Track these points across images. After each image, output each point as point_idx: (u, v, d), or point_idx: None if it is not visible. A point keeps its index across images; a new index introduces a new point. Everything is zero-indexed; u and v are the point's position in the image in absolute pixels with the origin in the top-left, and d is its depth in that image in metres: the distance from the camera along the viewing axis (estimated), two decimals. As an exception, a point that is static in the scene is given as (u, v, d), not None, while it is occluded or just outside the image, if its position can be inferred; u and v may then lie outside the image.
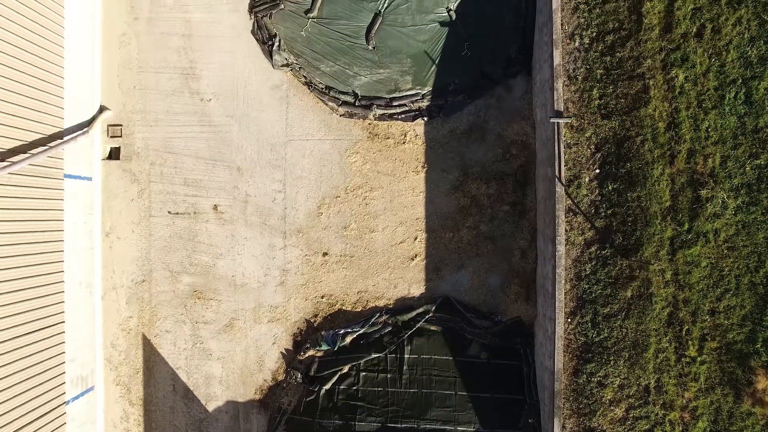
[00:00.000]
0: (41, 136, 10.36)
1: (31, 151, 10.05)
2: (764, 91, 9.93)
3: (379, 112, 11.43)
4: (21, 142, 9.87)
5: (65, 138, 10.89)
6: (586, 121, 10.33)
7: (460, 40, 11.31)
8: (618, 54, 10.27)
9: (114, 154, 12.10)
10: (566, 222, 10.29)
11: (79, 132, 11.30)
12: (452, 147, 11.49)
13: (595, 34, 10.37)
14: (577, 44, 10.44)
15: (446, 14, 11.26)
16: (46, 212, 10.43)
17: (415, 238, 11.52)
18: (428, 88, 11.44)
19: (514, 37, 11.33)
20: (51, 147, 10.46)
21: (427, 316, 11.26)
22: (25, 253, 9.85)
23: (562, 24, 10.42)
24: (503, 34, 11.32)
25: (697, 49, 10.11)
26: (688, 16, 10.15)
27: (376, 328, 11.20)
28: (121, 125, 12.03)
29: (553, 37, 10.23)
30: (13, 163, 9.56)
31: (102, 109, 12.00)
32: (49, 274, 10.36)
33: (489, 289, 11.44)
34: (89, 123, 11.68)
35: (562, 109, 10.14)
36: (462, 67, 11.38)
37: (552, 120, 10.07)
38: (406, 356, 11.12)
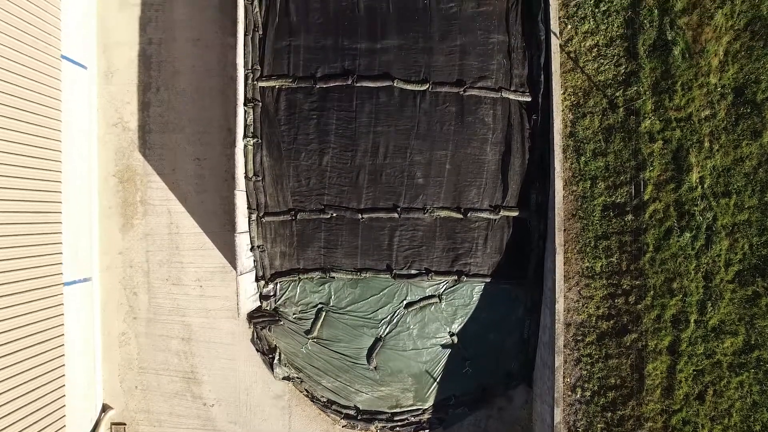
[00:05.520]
0: (48, 485, 10.52)
1: None
2: (765, 460, 10.04)
3: (381, 425, 11.52)
4: None
5: (72, 473, 11.04)
6: (586, 472, 10.47)
7: (461, 359, 11.27)
8: (619, 412, 10.30)
9: (119, 447, 12.27)
10: None
11: (85, 452, 11.44)
12: (453, 457, 11.65)
13: (596, 387, 10.38)
14: (578, 396, 10.46)
15: (448, 338, 11.18)
16: None
17: None
18: (429, 403, 11.48)
19: (516, 355, 11.28)
20: (59, 491, 10.64)
21: None
22: None
23: (564, 375, 10.40)
24: (505, 353, 11.26)
25: (699, 411, 10.14)
26: (689, 379, 10.15)
27: None
28: (125, 424, 12.13)
29: (555, 394, 10.22)
30: None
31: (105, 408, 12.08)
32: None
33: None
34: (93, 430, 11.79)
35: (563, 465, 10.26)
36: (463, 383, 11.38)
37: (552, 482, 10.21)
38: None
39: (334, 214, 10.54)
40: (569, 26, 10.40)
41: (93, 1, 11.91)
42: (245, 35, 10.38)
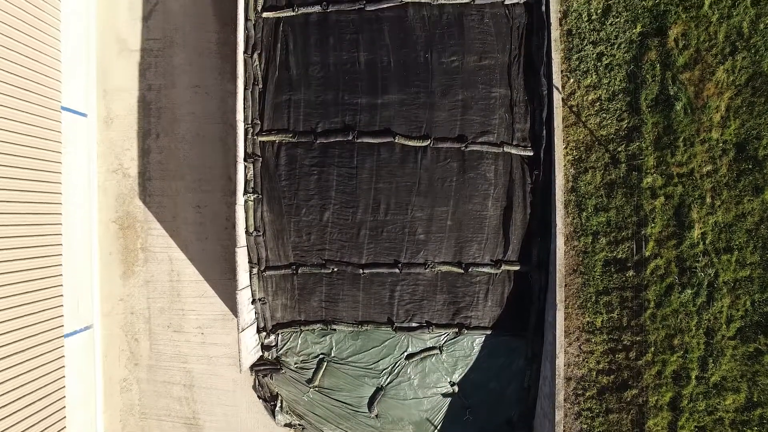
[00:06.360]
0: None
1: None
2: None
3: (383, 472, 11.59)
4: None
5: None
6: None
7: (461, 407, 11.30)
8: (620, 467, 10.35)
9: (122, 491, 12.33)
10: None
11: (88, 501, 11.50)
12: (454, 504, 11.70)
13: (597, 441, 10.41)
14: (579, 450, 10.49)
15: (448, 387, 11.21)
16: None
17: None
18: (431, 454, 11.55)
19: (516, 403, 11.31)
20: None
21: None
22: None
23: (564, 429, 10.42)
24: (505, 401, 11.28)
25: (700, 467, 10.17)
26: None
27: None
28: (128, 468, 12.20)
29: (555, 451, 10.25)
30: None
31: (108, 452, 12.15)
32: None
33: None
34: (96, 477, 11.86)
35: None
36: (463, 430, 11.42)
37: None
38: None
39: (335, 269, 10.53)
40: (572, 80, 10.35)
41: (93, 48, 11.84)
42: (245, 89, 10.32)
